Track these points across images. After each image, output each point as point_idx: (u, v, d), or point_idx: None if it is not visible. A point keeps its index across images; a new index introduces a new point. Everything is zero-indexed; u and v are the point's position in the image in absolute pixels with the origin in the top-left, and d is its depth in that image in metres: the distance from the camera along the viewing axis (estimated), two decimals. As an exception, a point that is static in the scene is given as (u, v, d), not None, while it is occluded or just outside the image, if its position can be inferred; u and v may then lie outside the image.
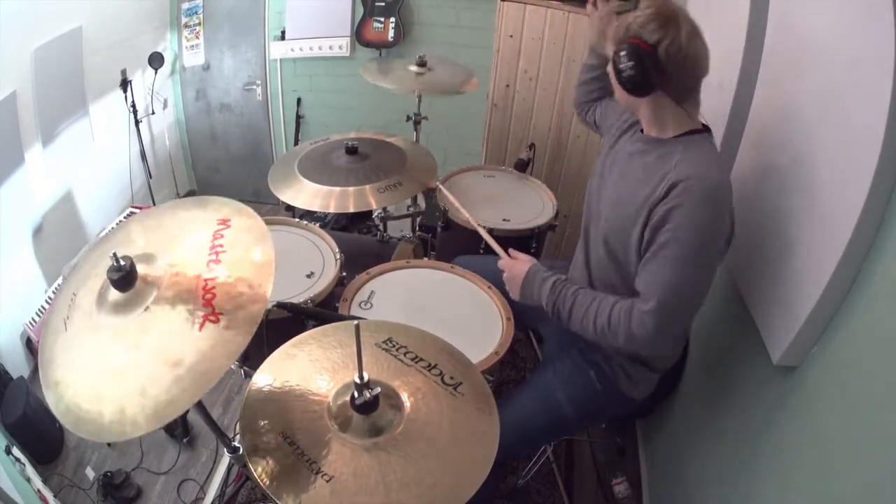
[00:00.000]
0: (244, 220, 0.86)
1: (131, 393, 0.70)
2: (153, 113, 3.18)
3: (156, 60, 3.02)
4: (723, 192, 1.04)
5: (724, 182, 1.06)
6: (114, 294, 0.77)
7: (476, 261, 1.58)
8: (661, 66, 1.02)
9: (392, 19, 3.00)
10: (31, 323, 2.30)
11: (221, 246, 0.82)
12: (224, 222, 0.85)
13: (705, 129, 1.12)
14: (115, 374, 0.72)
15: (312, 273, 1.46)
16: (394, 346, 0.96)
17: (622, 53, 1.04)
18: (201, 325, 0.73)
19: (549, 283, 1.18)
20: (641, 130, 1.19)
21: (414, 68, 2.08)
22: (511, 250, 1.31)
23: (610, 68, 1.11)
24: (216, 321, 0.74)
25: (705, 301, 1.10)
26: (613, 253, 1.18)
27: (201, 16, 3.24)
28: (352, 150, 1.68)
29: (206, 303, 0.75)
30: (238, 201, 0.88)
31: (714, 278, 1.09)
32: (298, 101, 3.41)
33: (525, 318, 1.43)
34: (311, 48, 3.19)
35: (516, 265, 1.26)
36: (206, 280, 0.77)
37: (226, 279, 0.77)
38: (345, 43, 3.16)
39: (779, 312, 1.09)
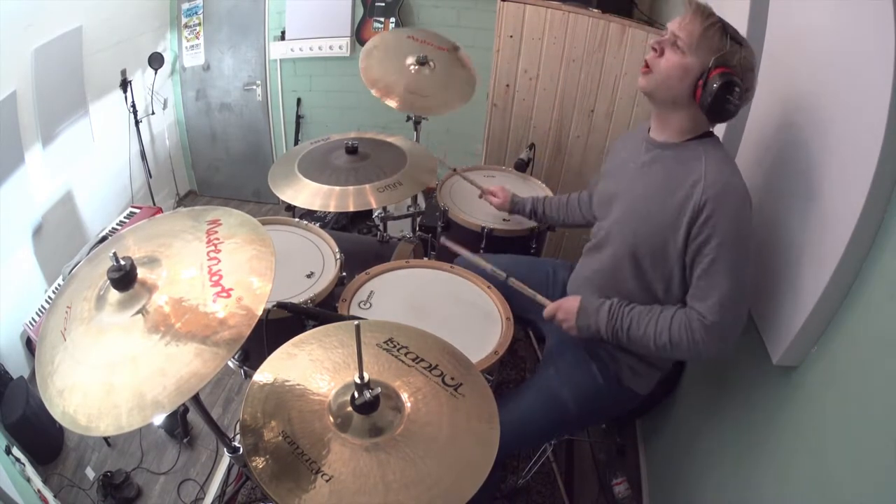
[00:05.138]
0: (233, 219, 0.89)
1: (149, 375, 0.71)
2: (153, 113, 3.18)
3: (156, 60, 3.02)
4: (746, 191, 1.06)
5: (743, 181, 1.08)
6: (115, 294, 0.77)
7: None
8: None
9: (392, 19, 3.01)
10: (31, 323, 2.30)
11: (218, 239, 0.85)
12: (214, 222, 0.89)
13: (711, 133, 1.14)
14: (130, 362, 0.73)
15: (312, 273, 1.46)
16: (395, 346, 0.96)
17: (736, 88, 1.03)
18: (214, 300, 0.76)
19: (606, 308, 1.19)
20: (647, 137, 1.20)
21: (413, 65, 2.04)
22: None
23: (673, 75, 1.07)
24: (228, 296, 0.76)
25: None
26: (640, 268, 1.18)
27: (201, 16, 3.24)
28: (352, 150, 1.68)
29: (215, 283, 0.78)
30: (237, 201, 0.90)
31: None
32: (298, 101, 3.41)
33: (525, 317, 1.43)
34: (311, 48, 3.19)
35: (566, 301, 1.26)
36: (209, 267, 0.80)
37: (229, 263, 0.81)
38: (345, 43, 3.16)
39: (778, 312, 1.09)
